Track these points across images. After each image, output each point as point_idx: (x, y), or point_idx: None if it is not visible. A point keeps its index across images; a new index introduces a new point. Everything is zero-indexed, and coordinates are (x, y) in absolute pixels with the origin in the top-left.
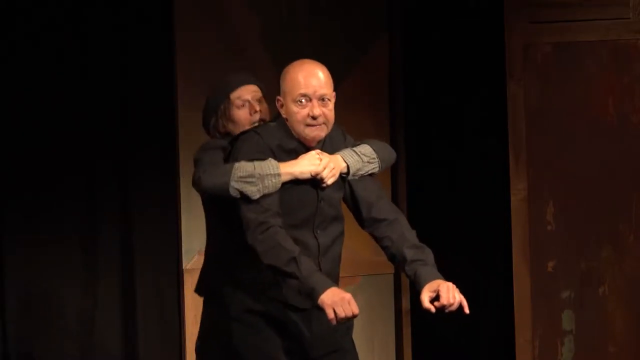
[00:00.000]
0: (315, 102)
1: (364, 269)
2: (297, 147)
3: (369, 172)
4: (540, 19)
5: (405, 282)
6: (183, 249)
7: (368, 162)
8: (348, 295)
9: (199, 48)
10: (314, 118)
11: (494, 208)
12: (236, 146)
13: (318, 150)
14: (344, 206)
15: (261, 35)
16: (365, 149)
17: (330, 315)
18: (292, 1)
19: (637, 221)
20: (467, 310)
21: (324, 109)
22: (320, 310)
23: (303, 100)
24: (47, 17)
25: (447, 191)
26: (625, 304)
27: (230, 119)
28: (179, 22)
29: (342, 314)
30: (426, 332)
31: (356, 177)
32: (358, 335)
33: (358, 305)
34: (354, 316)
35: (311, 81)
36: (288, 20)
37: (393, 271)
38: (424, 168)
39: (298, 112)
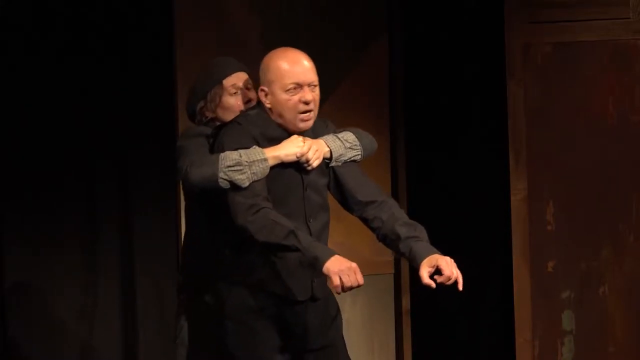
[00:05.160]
0: (306, 88)
1: (364, 269)
2: (280, 135)
3: (352, 158)
4: (540, 19)
5: (405, 282)
6: None
7: (350, 148)
8: (354, 265)
9: (199, 48)
10: (306, 103)
11: (494, 208)
12: (219, 138)
13: (298, 135)
14: (331, 198)
15: (261, 35)
16: (348, 135)
17: (336, 282)
18: (292, 1)
19: (637, 221)
20: (460, 287)
21: (313, 94)
22: (325, 277)
23: (294, 88)
24: (47, 17)
25: (447, 191)
26: (625, 304)
27: (221, 105)
28: (179, 22)
29: (348, 282)
30: (426, 332)
31: (339, 164)
32: (358, 335)
33: (358, 305)
34: (359, 286)
35: (300, 68)
36: (288, 20)
37: (393, 271)
38: (424, 168)
39: (289, 100)
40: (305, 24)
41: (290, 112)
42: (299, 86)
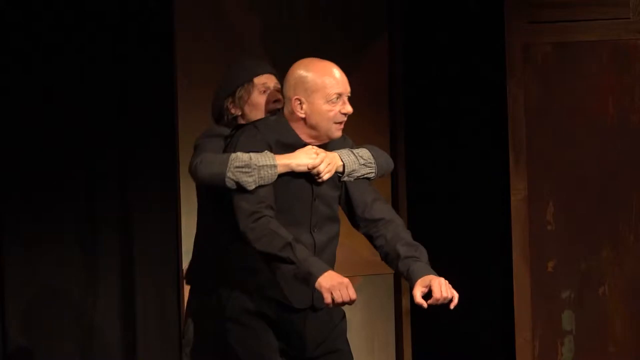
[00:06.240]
0: (345, 98)
1: (364, 269)
2: (296, 142)
3: (365, 175)
4: (540, 19)
5: (405, 282)
6: (183, 249)
7: (364, 164)
8: (346, 280)
9: (199, 48)
10: (345, 114)
11: (494, 208)
12: (233, 138)
13: (313, 146)
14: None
15: (261, 35)
16: (364, 152)
17: (328, 299)
18: (292, 1)
19: (637, 221)
20: (451, 306)
21: None
22: (318, 292)
23: (336, 99)
24: (46, 17)
25: (447, 191)
26: (625, 304)
27: (250, 102)
28: (179, 22)
29: (339, 298)
30: (426, 332)
31: (351, 179)
32: (358, 335)
33: (358, 305)
34: (352, 301)
35: (341, 79)
36: (288, 20)
37: (393, 271)
38: (424, 168)
39: (331, 110)
40: (305, 24)
41: (329, 122)
42: (340, 97)
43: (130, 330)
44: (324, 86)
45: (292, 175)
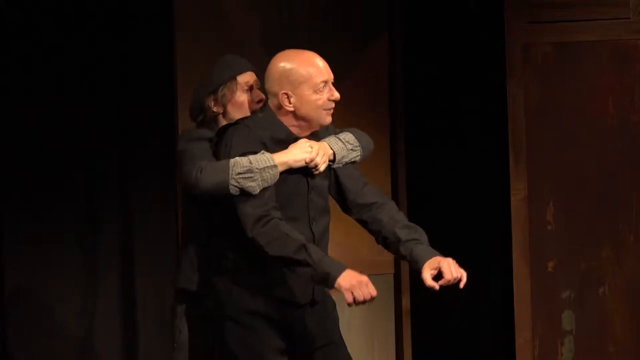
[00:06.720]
0: (330, 85)
1: (363, 269)
2: (288, 137)
3: (352, 159)
4: (540, 19)
5: (405, 282)
6: None
7: (352, 149)
8: (365, 278)
9: (199, 48)
10: (334, 100)
11: (494, 208)
12: (225, 139)
13: (305, 139)
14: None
15: (261, 35)
16: (348, 136)
17: (349, 299)
18: (292, 1)
19: (637, 221)
20: (461, 285)
21: None
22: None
23: (323, 87)
24: (47, 18)
25: (447, 191)
26: (625, 304)
27: (233, 101)
28: (179, 22)
29: (360, 297)
30: (426, 332)
31: (340, 165)
32: (358, 335)
33: (358, 305)
34: (372, 299)
35: (325, 67)
36: (288, 20)
37: (393, 271)
38: (424, 168)
39: (320, 99)
40: (305, 24)
41: (318, 110)
42: (325, 84)
43: (130, 330)
44: (309, 76)
45: (288, 170)
